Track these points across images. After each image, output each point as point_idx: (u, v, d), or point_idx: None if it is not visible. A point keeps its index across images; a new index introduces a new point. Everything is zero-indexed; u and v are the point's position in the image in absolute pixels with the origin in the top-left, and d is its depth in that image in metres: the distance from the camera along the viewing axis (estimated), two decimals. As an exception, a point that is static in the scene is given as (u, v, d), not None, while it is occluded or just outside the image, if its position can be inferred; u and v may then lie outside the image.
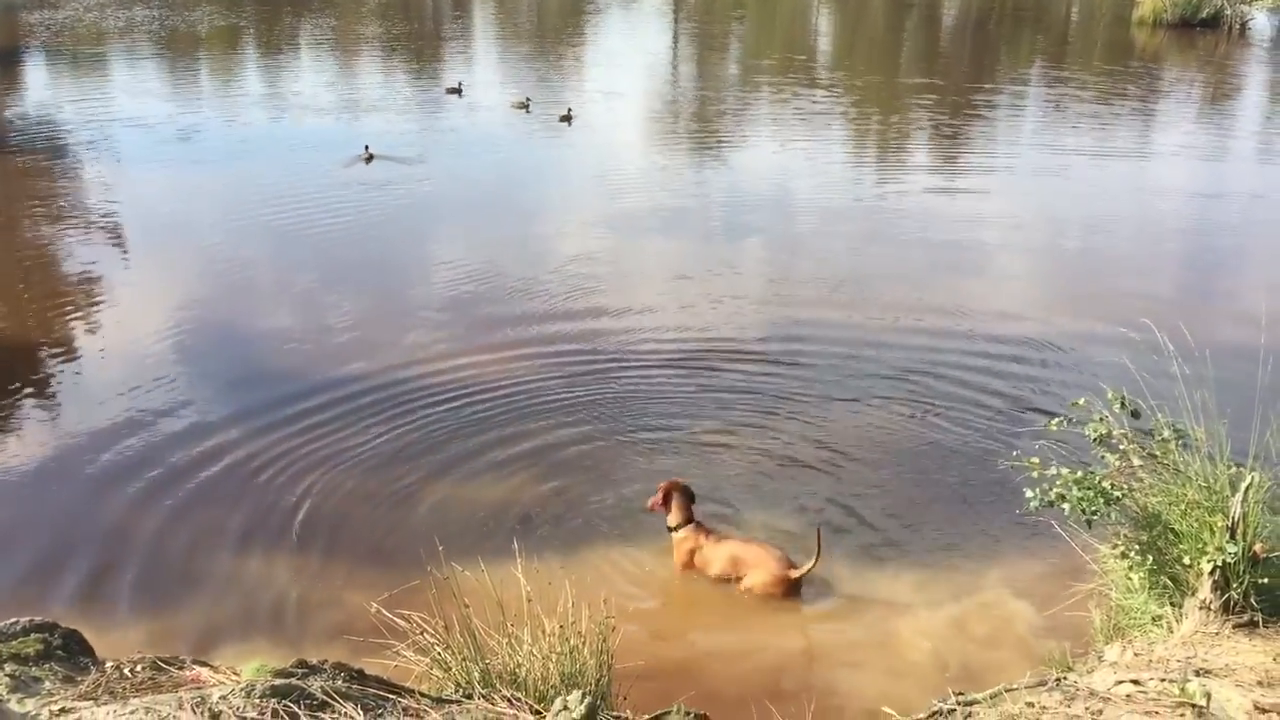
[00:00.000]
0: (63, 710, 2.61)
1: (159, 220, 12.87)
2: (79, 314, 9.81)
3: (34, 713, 2.61)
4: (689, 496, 6.06)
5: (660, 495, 6.03)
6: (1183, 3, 29.88)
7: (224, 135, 17.65)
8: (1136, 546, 4.60)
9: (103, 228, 12.39)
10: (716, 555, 5.90)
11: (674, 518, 5.99)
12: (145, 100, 19.99)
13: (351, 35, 29.78)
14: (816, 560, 5.65)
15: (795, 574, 5.74)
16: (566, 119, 18.69)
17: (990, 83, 24.31)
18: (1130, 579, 4.71)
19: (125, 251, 11.69)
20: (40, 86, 22.09)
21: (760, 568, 5.79)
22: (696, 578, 5.99)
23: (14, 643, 2.92)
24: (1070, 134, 18.61)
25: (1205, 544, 4.25)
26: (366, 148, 15.80)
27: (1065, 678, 3.64)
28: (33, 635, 2.99)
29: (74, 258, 11.38)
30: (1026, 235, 12.76)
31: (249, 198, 13.72)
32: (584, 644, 4.15)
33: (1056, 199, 14.55)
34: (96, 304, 10.03)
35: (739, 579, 5.86)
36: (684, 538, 5.96)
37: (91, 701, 2.69)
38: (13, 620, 3.08)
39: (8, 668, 2.78)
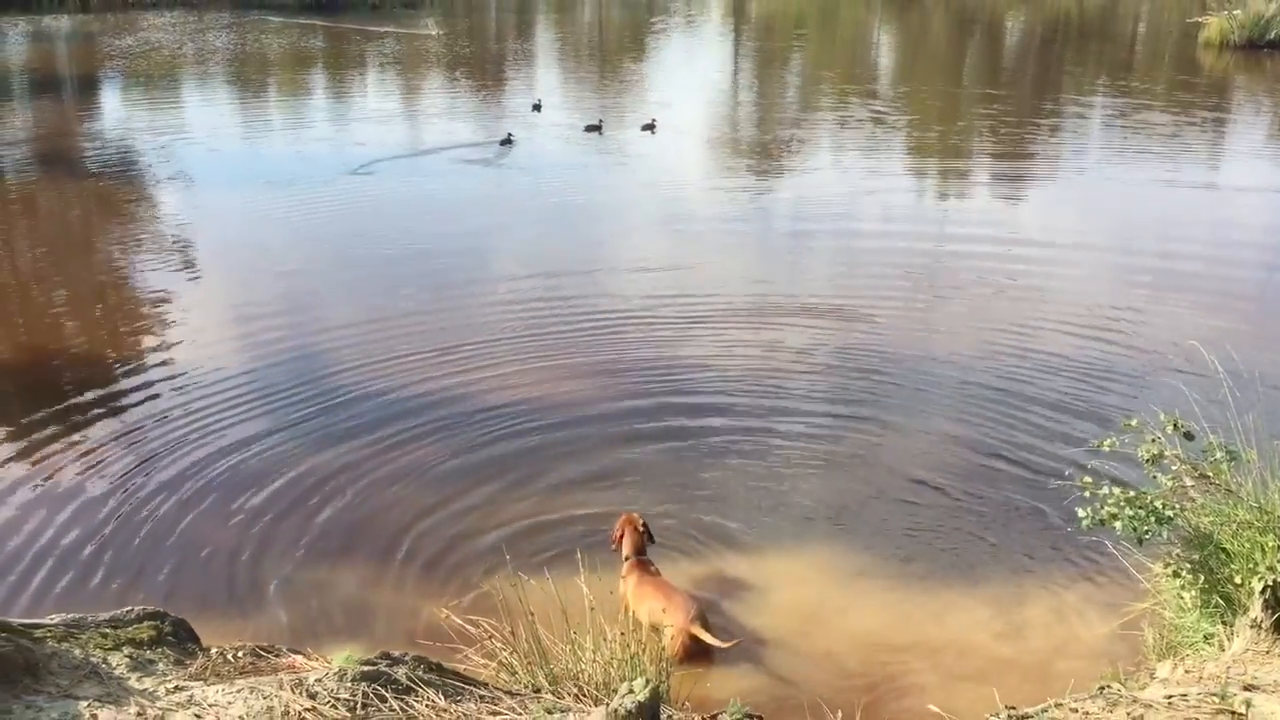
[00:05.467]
0: (177, 688, 2.87)
1: (235, 242, 13.27)
2: (153, 331, 10.12)
3: (152, 689, 2.87)
4: (642, 533, 6.16)
5: (618, 530, 6.20)
6: (1250, 24, 29.43)
7: (307, 154, 18.20)
8: (1188, 565, 4.67)
9: (177, 250, 12.77)
10: (636, 599, 5.78)
11: (626, 548, 6.11)
12: (218, 123, 20.63)
13: (420, 56, 30.42)
14: (717, 644, 5.46)
15: (698, 631, 5.48)
16: (650, 128, 19.05)
17: (1054, 101, 24.22)
18: (1182, 598, 4.78)
19: (198, 271, 12.02)
20: (116, 111, 22.86)
21: (670, 620, 5.49)
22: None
23: (130, 629, 3.21)
24: (1136, 152, 18.51)
25: (1256, 563, 4.32)
26: (509, 134, 17.69)
27: (1110, 686, 3.74)
28: (145, 622, 3.28)
29: (149, 277, 11.73)
30: (1089, 253, 12.73)
31: (327, 213, 14.27)
32: (644, 651, 4.34)
33: (1120, 216, 14.53)
34: (171, 322, 10.31)
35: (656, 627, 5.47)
36: (625, 572, 6.01)
37: (201, 682, 2.95)
38: (127, 609, 3.37)
39: (126, 650, 3.06)
